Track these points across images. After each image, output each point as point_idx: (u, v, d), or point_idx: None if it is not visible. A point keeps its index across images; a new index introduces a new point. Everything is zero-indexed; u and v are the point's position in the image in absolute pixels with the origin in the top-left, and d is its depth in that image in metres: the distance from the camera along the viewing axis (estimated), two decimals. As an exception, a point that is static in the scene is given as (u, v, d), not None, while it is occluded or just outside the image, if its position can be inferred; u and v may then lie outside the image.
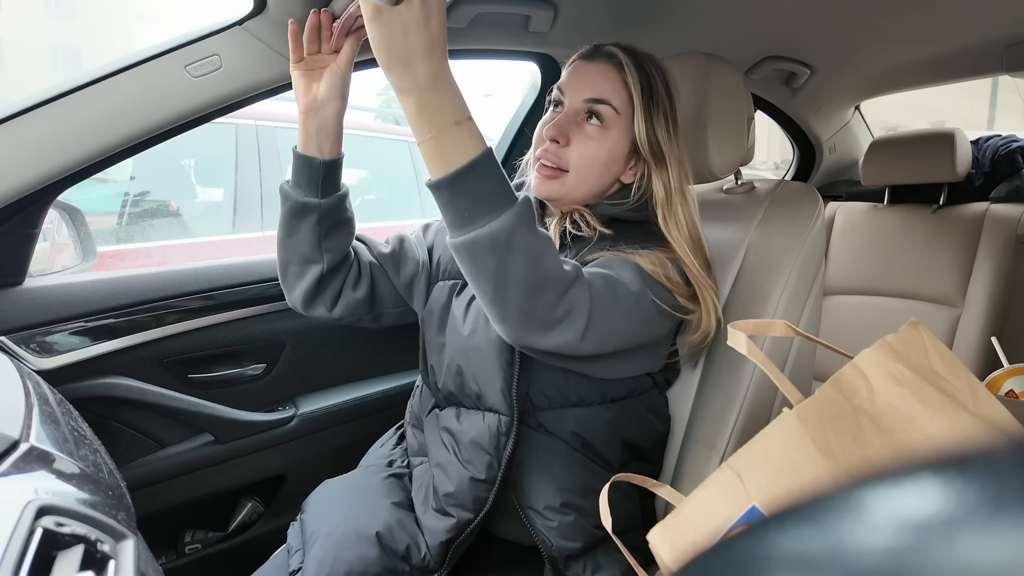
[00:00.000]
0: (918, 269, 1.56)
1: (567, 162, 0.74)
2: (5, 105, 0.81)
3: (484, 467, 0.70)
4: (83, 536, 0.37)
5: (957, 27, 1.25)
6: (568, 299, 0.58)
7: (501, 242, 0.53)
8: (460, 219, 0.54)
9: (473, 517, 0.70)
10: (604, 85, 0.74)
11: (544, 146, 0.74)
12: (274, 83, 0.91)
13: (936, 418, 0.47)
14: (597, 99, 0.73)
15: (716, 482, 0.51)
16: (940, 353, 0.50)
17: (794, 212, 0.86)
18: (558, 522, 0.70)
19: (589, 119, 0.74)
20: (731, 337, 0.57)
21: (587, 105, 0.74)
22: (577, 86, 0.75)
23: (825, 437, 0.48)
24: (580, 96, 0.74)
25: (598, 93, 0.74)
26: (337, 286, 0.79)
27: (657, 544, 0.53)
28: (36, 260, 0.92)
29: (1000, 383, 1.29)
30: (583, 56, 0.77)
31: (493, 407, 0.71)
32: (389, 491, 0.77)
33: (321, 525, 0.71)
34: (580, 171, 0.74)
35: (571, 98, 0.75)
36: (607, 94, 0.73)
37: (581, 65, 0.77)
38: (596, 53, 0.76)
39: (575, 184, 0.75)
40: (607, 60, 0.75)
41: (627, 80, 0.74)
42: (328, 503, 0.75)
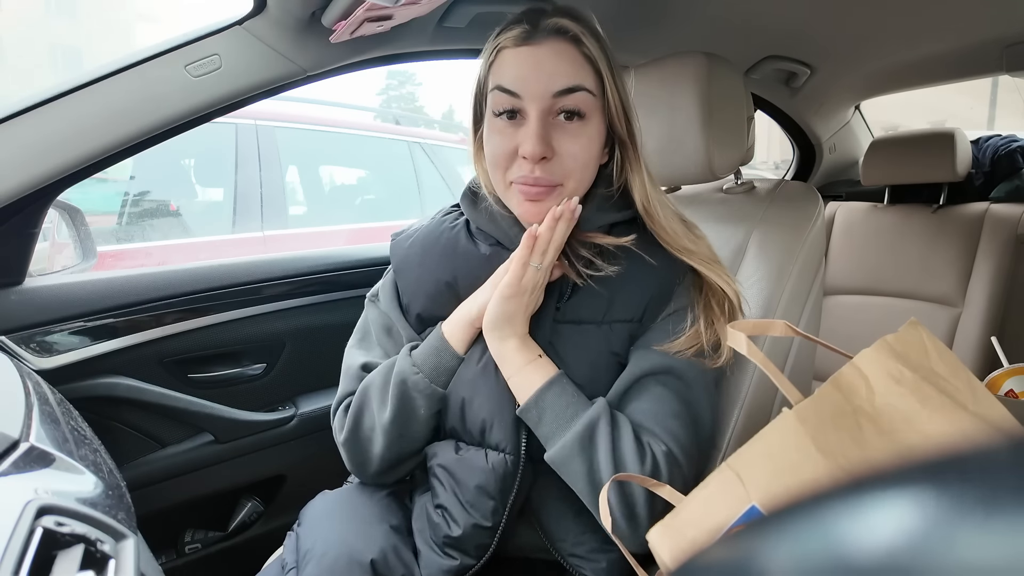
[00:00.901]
0: (918, 269, 1.56)
1: (558, 174, 0.62)
2: (5, 105, 0.81)
3: (489, 513, 0.65)
4: (83, 536, 0.37)
5: (957, 27, 1.25)
6: (658, 471, 0.61)
7: (585, 438, 0.60)
8: (549, 432, 0.63)
9: (475, 563, 0.66)
10: (568, 69, 0.60)
11: (517, 166, 0.62)
12: (274, 83, 0.91)
13: (935, 418, 0.47)
14: (569, 88, 0.60)
15: (716, 481, 0.51)
16: (940, 353, 0.50)
17: (794, 212, 0.86)
18: (606, 561, 0.66)
19: (567, 116, 0.61)
20: (731, 337, 0.57)
21: (557, 100, 0.60)
22: (534, 79, 0.60)
23: (825, 437, 0.48)
24: (546, 92, 0.60)
25: (568, 81, 0.60)
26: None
27: (656, 543, 0.53)
28: (36, 260, 0.92)
29: (1000, 383, 1.29)
30: (523, 39, 0.60)
31: (498, 445, 0.65)
32: (386, 512, 0.71)
33: (315, 545, 0.67)
34: (575, 177, 0.63)
35: (533, 98, 0.60)
36: (577, 79, 0.60)
37: (528, 52, 0.60)
38: (539, 32, 0.60)
39: (572, 192, 0.64)
40: (559, 36, 0.61)
41: (589, 52, 0.61)
42: (324, 521, 0.70)
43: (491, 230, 0.71)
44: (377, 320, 0.76)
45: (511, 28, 0.62)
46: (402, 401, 0.66)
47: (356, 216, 3.23)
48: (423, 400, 0.66)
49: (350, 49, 0.94)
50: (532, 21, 0.61)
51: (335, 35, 0.87)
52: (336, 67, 0.96)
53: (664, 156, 0.87)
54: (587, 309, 0.67)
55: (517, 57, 0.61)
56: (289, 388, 1.14)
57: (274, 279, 1.11)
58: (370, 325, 0.77)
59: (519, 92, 0.60)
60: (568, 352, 0.66)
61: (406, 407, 0.66)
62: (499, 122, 0.63)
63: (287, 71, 0.91)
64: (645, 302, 0.67)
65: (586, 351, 0.66)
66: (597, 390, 0.65)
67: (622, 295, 0.66)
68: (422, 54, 1.04)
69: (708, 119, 0.82)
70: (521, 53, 0.61)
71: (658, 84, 0.87)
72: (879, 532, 0.12)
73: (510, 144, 0.62)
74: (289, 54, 0.90)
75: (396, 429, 0.67)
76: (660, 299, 0.67)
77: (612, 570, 0.67)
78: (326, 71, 0.95)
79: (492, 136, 0.64)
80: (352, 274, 1.20)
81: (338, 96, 3.86)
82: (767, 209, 0.88)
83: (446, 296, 0.71)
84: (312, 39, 0.90)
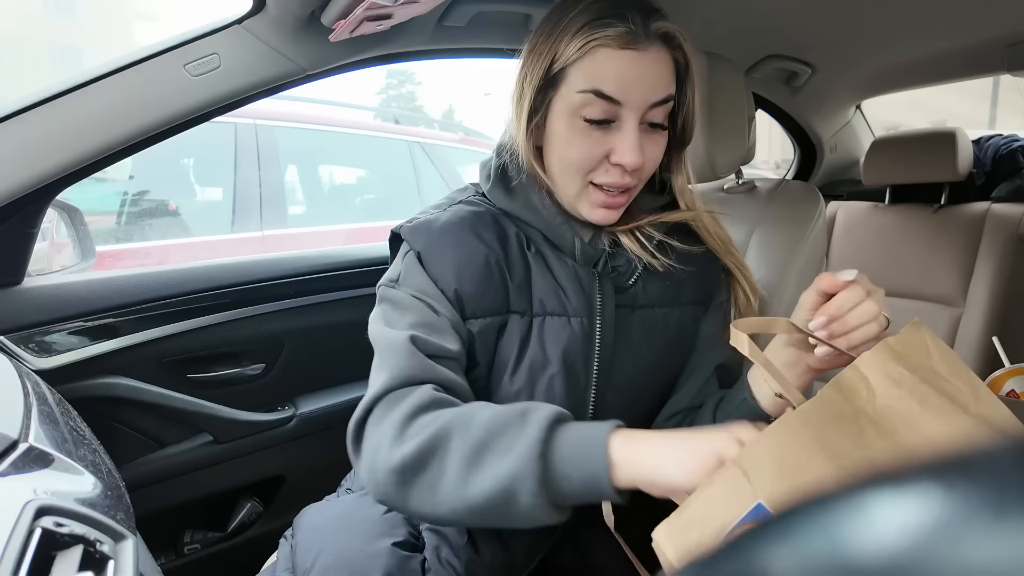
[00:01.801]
0: (919, 269, 1.56)
1: (637, 179, 0.61)
2: (4, 104, 0.81)
3: (523, 552, 0.62)
4: (82, 536, 0.37)
5: (958, 26, 1.25)
6: None
7: None
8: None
9: None
10: (666, 79, 0.58)
11: (604, 170, 0.59)
12: (273, 82, 0.91)
13: (936, 420, 0.47)
14: (663, 100, 0.58)
15: (721, 479, 0.51)
16: (942, 353, 0.50)
17: (795, 211, 0.86)
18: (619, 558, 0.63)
19: (651, 126, 0.59)
20: (733, 337, 0.57)
21: (650, 110, 0.58)
22: (638, 88, 0.56)
23: (827, 439, 0.48)
24: (645, 102, 0.57)
25: (665, 92, 0.58)
26: None
27: (661, 542, 0.52)
28: (35, 259, 0.91)
29: (1001, 383, 1.29)
30: (628, 41, 0.55)
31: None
32: (389, 527, 0.65)
33: (314, 564, 0.62)
34: (644, 179, 0.62)
35: (634, 107, 0.56)
36: (670, 89, 0.58)
37: (633, 58, 0.55)
38: (645, 36, 0.56)
39: (637, 192, 0.63)
40: (663, 43, 0.57)
41: (680, 60, 0.59)
42: (321, 534, 0.66)
43: (530, 218, 0.65)
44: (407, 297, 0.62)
45: (611, 24, 0.55)
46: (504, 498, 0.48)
47: (356, 216, 3.23)
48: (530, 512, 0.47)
49: (350, 48, 0.94)
50: (636, 20, 0.56)
51: (334, 34, 0.86)
52: (336, 66, 0.95)
53: (665, 155, 0.87)
54: (659, 292, 0.65)
55: (621, 61, 0.55)
56: (288, 388, 1.14)
57: (273, 279, 1.11)
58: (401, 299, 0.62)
59: (621, 100, 0.56)
60: (641, 337, 0.64)
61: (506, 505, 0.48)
62: (585, 125, 0.58)
63: (286, 70, 0.91)
64: (711, 285, 0.69)
65: (662, 333, 0.65)
66: (671, 372, 0.66)
67: (692, 277, 0.66)
68: (422, 53, 1.03)
69: (709, 118, 0.82)
70: (625, 57, 0.55)
71: (659, 83, 0.87)
72: (886, 533, 0.12)
73: (601, 150, 0.58)
74: (288, 53, 0.90)
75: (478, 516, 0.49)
76: (717, 284, 0.69)
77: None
78: (326, 70, 0.95)
79: (576, 138, 0.59)
80: (352, 274, 1.20)
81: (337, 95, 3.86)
82: (768, 208, 0.88)
83: (496, 276, 0.62)
84: (311, 38, 0.90)
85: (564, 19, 0.57)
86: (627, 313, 0.64)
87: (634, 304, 0.64)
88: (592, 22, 0.55)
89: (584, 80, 0.56)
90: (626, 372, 0.63)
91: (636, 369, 0.64)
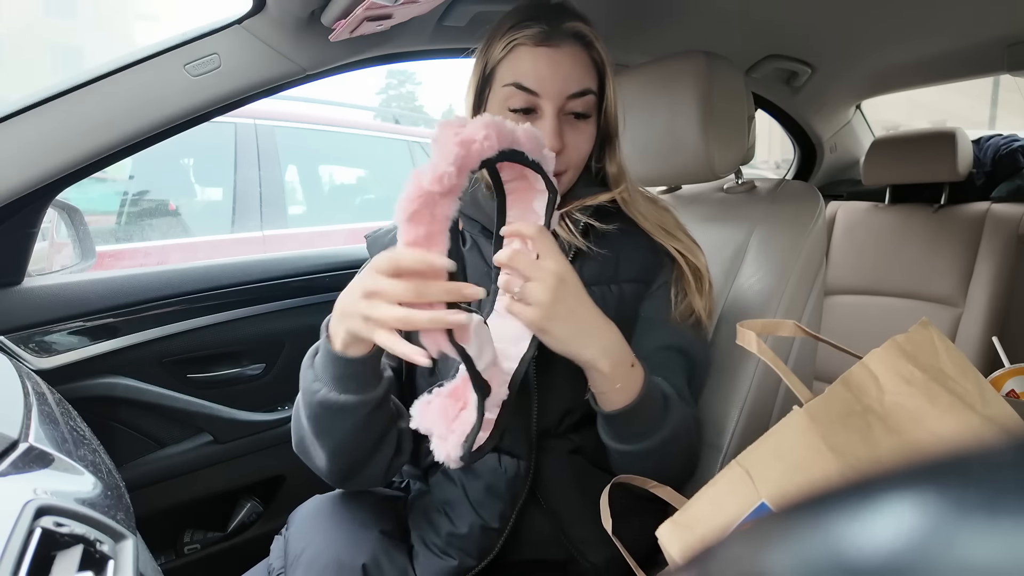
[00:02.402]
0: (919, 269, 1.56)
1: (562, 165, 0.66)
2: (4, 104, 0.81)
3: (497, 515, 0.65)
4: (82, 536, 0.37)
5: (958, 26, 1.25)
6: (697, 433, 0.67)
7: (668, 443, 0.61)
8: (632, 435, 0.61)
9: (475, 564, 0.66)
10: (581, 73, 0.64)
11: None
12: (273, 82, 0.91)
13: (945, 418, 0.47)
14: (582, 91, 0.64)
15: (725, 478, 0.51)
16: (950, 353, 0.50)
17: (795, 211, 0.86)
18: (611, 553, 0.66)
19: (575, 116, 0.66)
20: (740, 336, 0.57)
21: (569, 101, 0.64)
22: (552, 80, 0.63)
23: (835, 435, 0.48)
24: (561, 93, 0.63)
25: (580, 85, 0.64)
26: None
27: (666, 540, 0.53)
28: (35, 259, 0.92)
29: (1001, 383, 1.29)
30: (542, 39, 0.63)
31: (512, 450, 0.65)
32: (379, 518, 0.69)
33: (304, 551, 0.65)
34: (574, 168, 0.68)
35: (551, 97, 0.63)
36: (587, 83, 0.65)
37: (548, 54, 0.63)
38: (558, 34, 0.63)
39: (569, 181, 0.69)
40: (575, 41, 0.64)
41: (597, 58, 0.66)
42: (313, 525, 0.69)
43: (474, 214, 0.71)
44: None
45: (529, 25, 0.63)
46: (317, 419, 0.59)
47: (356, 216, 3.23)
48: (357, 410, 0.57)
49: (350, 48, 0.94)
50: (550, 21, 0.63)
51: (335, 34, 0.86)
52: (335, 66, 0.96)
53: (665, 156, 0.87)
54: (596, 272, 0.69)
55: (537, 57, 0.63)
56: (288, 388, 1.14)
57: (273, 279, 1.11)
58: None
59: (538, 91, 0.63)
60: None
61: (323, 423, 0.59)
62: (512, 115, 0.64)
63: (286, 70, 0.91)
64: (648, 264, 0.71)
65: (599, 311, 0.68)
66: None
67: (626, 256, 0.70)
68: (422, 53, 1.03)
69: (709, 118, 0.82)
70: (541, 53, 0.63)
71: (658, 84, 0.87)
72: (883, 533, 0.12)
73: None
74: (288, 53, 0.90)
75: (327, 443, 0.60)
76: (656, 266, 0.72)
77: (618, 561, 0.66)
78: (325, 70, 0.95)
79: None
80: (352, 274, 1.19)
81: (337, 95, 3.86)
82: (768, 209, 0.88)
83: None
84: (311, 38, 0.90)
85: (497, 28, 0.66)
86: None
87: None
88: (514, 25, 0.64)
89: (508, 75, 0.64)
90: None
91: None
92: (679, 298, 0.70)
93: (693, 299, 0.69)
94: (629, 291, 0.70)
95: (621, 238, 0.70)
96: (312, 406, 0.58)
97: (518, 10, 0.66)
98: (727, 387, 0.79)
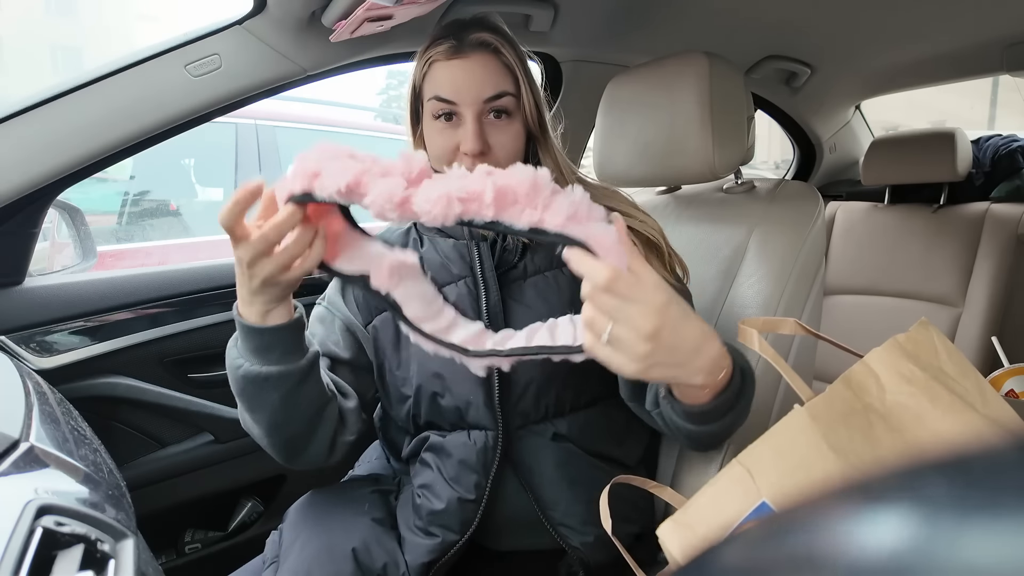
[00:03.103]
0: (918, 269, 1.56)
1: (493, 163, 0.68)
2: (5, 105, 0.81)
3: (472, 486, 0.68)
4: (83, 535, 0.37)
5: (958, 27, 1.25)
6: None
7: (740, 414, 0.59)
8: (709, 420, 0.57)
9: (458, 539, 0.69)
10: (494, 78, 0.68)
11: (458, 161, 0.66)
12: (274, 82, 0.91)
13: (946, 417, 0.47)
14: (497, 95, 0.68)
15: (726, 477, 0.52)
16: (950, 353, 0.50)
17: (794, 211, 0.86)
18: (595, 536, 0.69)
19: (496, 115, 0.69)
20: (741, 334, 0.57)
21: (488, 104, 0.68)
22: (467, 88, 0.67)
23: (836, 434, 0.48)
24: (477, 99, 0.67)
25: (495, 89, 0.68)
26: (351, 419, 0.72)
27: (667, 539, 0.53)
28: (36, 259, 0.92)
29: (1001, 383, 1.29)
30: (452, 53, 0.68)
31: (478, 423, 0.69)
32: (371, 507, 0.73)
33: (297, 538, 0.68)
34: (504, 164, 0.70)
35: (468, 104, 0.67)
36: (502, 86, 0.68)
37: (459, 65, 0.68)
38: (465, 46, 0.68)
39: None
40: (483, 49, 0.69)
41: (507, 62, 0.69)
42: (307, 516, 0.72)
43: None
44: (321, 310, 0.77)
45: (439, 43, 0.69)
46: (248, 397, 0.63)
47: (355, 216, 3.23)
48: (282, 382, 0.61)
49: (350, 48, 0.94)
50: (457, 36, 0.68)
51: (335, 34, 0.86)
52: (336, 66, 0.96)
53: (664, 156, 0.87)
54: (546, 259, 0.73)
55: (450, 69, 0.68)
56: (289, 388, 1.14)
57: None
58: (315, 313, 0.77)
59: (455, 100, 0.68)
60: (536, 299, 0.71)
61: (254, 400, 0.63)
62: (438, 124, 0.69)
63: (287, 70, 0.91)
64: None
65: (555, 293, 0.71)
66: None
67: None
68: (422, 54, 1.04)
69: (708, 119, 0.82)
70: (452, 66, 0.68)
71: (658, 84, 0.87)
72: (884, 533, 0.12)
73: (451, 143, 0.69)
74: (289, 53, 0.90)
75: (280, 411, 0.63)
76: None
77: (600, 545, 0.69)
78: (326, 70, 0.95)
79: (433, 137, 0.70)
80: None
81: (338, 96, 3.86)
82: (767, 209, 0.88)
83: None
84: (312, 38, 0.90)
85: (420, 51, 0.71)
86: (520, 283, 0.72)
87: (525, 275, 0.72)
88: (429, 45, 0.70)
89: (430, 90, 0.69)
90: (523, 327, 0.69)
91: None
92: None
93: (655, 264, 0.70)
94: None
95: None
96: (237, 381, 0.62)
97: (433, 32, 0.71)
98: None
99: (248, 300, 0.58)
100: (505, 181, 0.48)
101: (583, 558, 0.70)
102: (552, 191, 0.47)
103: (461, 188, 0.48)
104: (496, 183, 0.47)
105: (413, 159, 0.51)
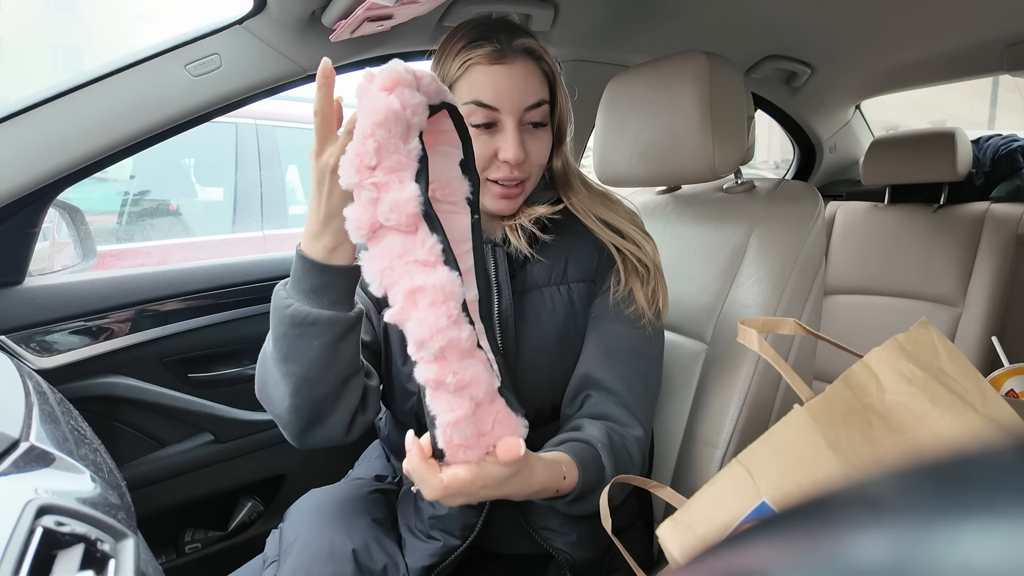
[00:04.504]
0: (918, 269, 1.56)
1: (526, 172, 0.69)
2: (5, 105, 0.81)
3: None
4: (83, 535, 0.37)
5: (958, 27, 1.25)
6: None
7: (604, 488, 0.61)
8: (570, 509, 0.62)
9: (459, 544, 0.69)
10: (535, 86, 0.67)
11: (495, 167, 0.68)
12: (274, 82, 0.91)
13: (946, 417, 0.47)
14: (537, 103, 0.67)
15: (726, 477, 0.52)
16: (950, 353, 0.50)
17: (794, 211, 0.86)
18: (577, 535, 0.69)
19: (533, 125, 0.68)
20: (741, 334, 0.57)
21: (527, 113, 0.67)
22: (509, 95, 0.65)
23: (836, 434, 0.48)
24: (519, 107, 0.66)
25: (536, 96, 0.67)
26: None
27: (667, 539, 0.53)
28: (36, 259, 0.92)
29: (1001, 382, 1.29)
30: (496, 57, 0.66)
31: None
32: (371, 507, 0.73)
33: (297, 537, 0.68)
34: (535, 174, 0.71)
35: (510, 111, 0.66)
36: (541, 93, 0.68)
37: (501, 71, 0.66)
38: (511, 51, 0.66)
39: (530, 188, 0.71)
40: (527, 56, 0.67)
41: (547, 69, 0.69)
42: (308, 515, 0.72)
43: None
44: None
45: (482, 44, 0.66)
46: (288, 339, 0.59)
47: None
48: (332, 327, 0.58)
49: (350, 48, 0.94)
50: (502, 39, 0.66)
51: (335, 34, 0.86)
52: (336, 66, 0.95)
53: (664, 156, 0.87)
54: (543, 275, 0.72)
55: (492, 74, 0.65)
56: (289, 388, 1.14)
57: (274, 279, 1.11)
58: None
59: (497, 106, 0.66)
60: (534, 315, 0.71)
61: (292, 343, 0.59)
62: (474, 130, 0.66)
63: (287, 70, 0.91)
64: (594, 263, 0.74)
65: (549, 311, 0.71)
66: (570, 348, 0.71)
67: (574, 256, 0.73)
68: (422, 53, 1.04)
69: (708, 119, 0.82)
70: (495, 71, 0.65)
71: (658, 84, 0.87)
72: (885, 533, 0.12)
73: (489, 149, 0.67)
74: (289, 53, 0.90)
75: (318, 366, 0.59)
76: (602, 264, 0.74)
77: (583, 544, 0.70)
78: (326, 70, 0.95)
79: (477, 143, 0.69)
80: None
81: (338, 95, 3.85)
82: (767, 208, 0.88)
83: None
84: (312, 38, 0.90)
85: (447, 46, 0.68)
86: (519, 296, 0.71)
87: (524, 289, 0.72)
88: (467, 45, 0.66)
89: (467, 93, 0.66)
90: (528, 343, 0.71)
91: (537, 342, 0.71)
92: (626, 294, 0.72)
93: (638, 294, 0.71)
94: (577, 291, 0.73)
95: (570, 239, 0.74)
96: (281, 323, 0.58)
97: (468, 30, 0.68)
98: (727, 386, 0.80)
99: (317, 232, 0.56)
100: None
101: (570, 559, 0.70)
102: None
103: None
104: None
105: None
